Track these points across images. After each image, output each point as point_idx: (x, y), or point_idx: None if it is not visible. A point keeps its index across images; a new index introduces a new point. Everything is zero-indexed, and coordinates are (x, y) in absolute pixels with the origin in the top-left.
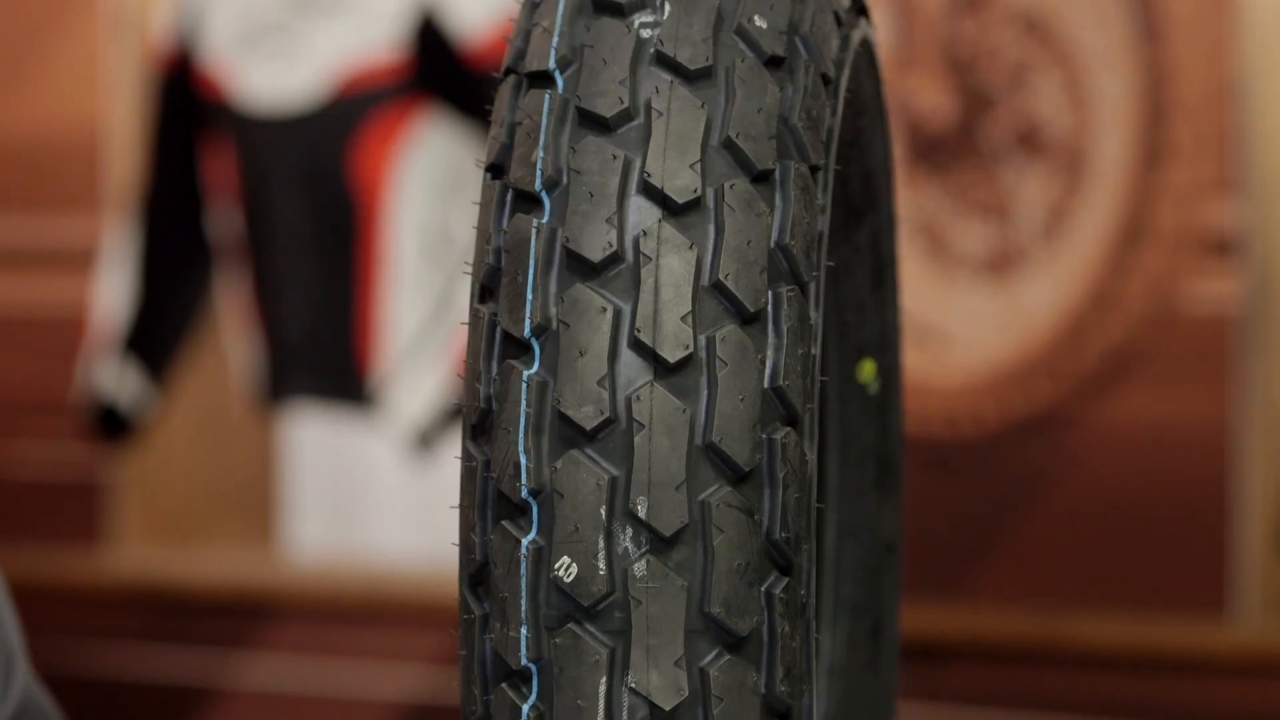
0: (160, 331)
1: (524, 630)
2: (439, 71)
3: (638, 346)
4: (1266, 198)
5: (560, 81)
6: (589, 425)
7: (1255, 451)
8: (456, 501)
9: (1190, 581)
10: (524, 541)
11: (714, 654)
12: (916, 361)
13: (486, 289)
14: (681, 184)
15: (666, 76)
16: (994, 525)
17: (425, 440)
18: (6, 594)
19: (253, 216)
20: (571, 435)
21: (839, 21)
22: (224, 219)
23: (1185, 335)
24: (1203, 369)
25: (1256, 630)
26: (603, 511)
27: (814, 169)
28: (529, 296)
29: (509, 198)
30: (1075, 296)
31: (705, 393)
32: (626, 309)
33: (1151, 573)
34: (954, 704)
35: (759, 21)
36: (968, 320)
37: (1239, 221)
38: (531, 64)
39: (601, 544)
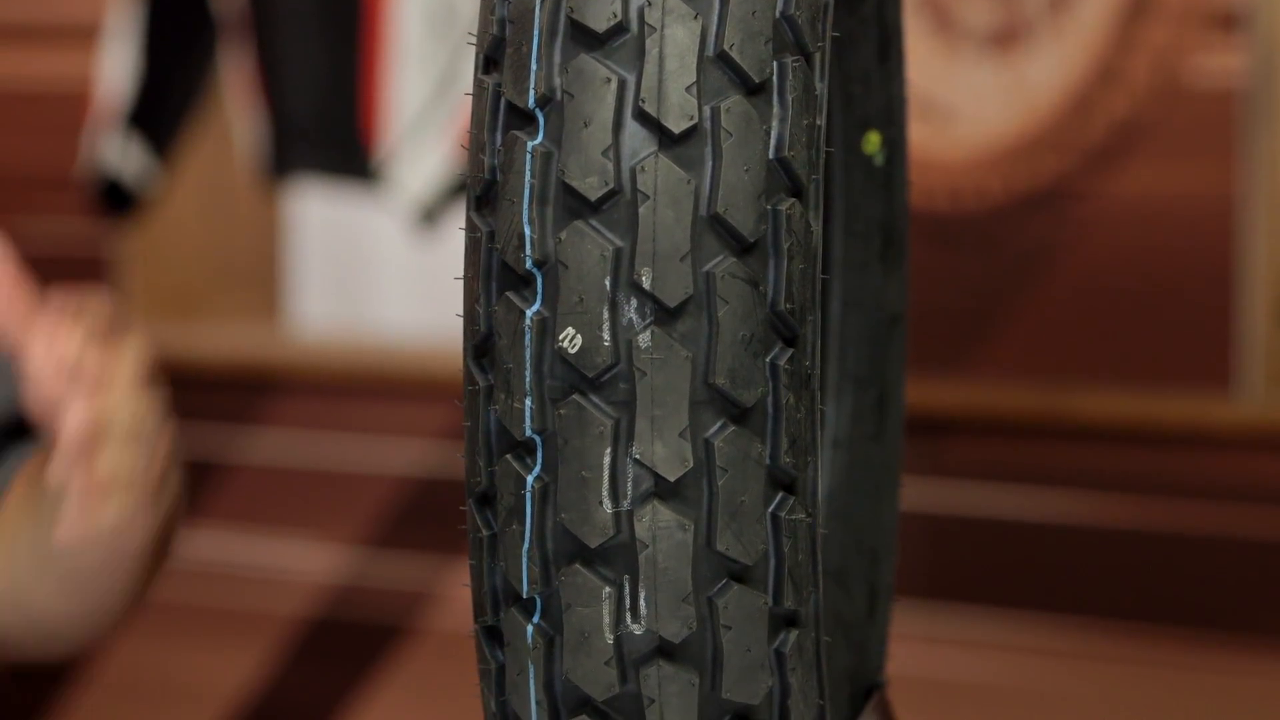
0: (165, 106)
1: (528, 401)
2: None
3: (642, 117)
4: None
5: None
6: (593, 196)
7: (1260, 226)
8: (461, 274)
9: (1194, 356)
10: (528, 312)
11: (719, 425)
12: (921, 135)
13: (491, 60)
14: None
15: None
16: (998, 299)
17: (429, 214)
18: None
19: None
20: (576, 206)
21: None
22: None
23: (1190, 109)
24: (1208, 143)
25: (1260, 404)
26: (607, 282)
27: None
28: (533, 67)
29: None
30: (1080, 70)
31: (710, 163)
32: (631, 79)
33: (1155, 347)
34: (957, 478)
35: None
36: (972, 94)
37: None
38: None
39: (606, 315)
